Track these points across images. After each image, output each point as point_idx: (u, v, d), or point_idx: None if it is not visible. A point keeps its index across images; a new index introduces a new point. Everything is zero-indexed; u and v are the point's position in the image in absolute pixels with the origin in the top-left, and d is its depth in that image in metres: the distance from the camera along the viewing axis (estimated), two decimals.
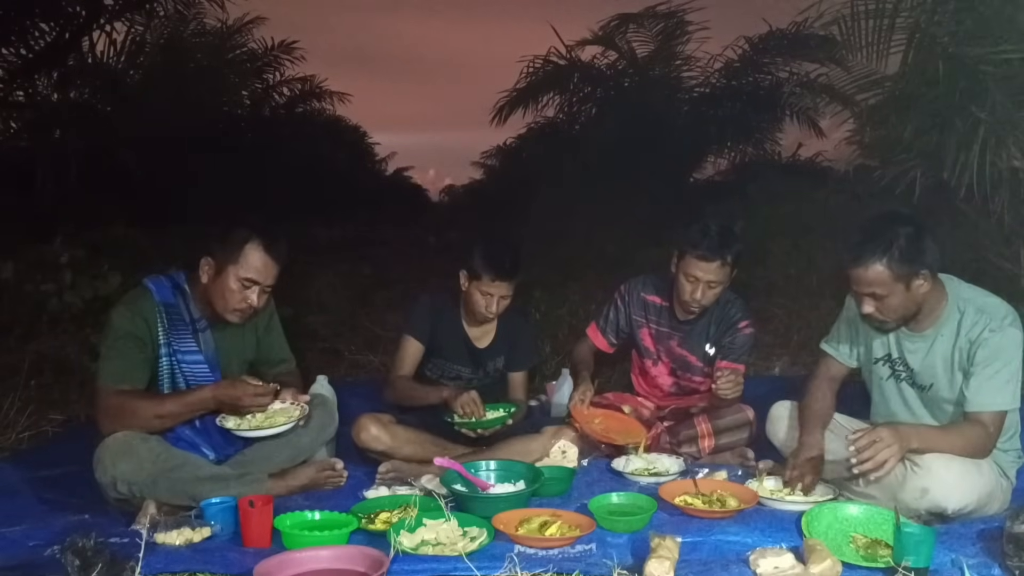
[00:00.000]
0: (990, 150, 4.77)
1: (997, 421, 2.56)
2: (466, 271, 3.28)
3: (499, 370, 3.50)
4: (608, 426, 3.30)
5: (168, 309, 2.81)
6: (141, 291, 2.84)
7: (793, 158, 11.33)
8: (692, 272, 3.25)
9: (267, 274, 2.80)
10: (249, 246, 2.76)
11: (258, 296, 2.80)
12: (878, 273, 2.54)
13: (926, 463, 2.50)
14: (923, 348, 2.70)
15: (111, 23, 9.40)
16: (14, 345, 4.95)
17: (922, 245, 2.56)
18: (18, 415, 3.66)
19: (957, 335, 2.63)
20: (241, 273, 2.76)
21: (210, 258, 2.80)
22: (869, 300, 2.61)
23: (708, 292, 3.27)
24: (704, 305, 3.33)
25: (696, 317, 3.43)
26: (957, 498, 2.49)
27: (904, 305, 2.61)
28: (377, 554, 2.22)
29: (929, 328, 2.68)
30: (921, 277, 2.56)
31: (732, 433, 3.28)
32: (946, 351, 2.65)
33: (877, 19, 5.36)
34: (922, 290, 2.59)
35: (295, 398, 2.90)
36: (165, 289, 2.84)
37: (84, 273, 5.68)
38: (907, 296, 2.58)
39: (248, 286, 2.77)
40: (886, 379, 2.83)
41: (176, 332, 2.80)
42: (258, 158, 11.48)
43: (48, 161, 8.31)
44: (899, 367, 2.78)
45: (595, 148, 10.06)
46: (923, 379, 2.73)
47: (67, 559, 2.12)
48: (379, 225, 11.72)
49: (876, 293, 2.58)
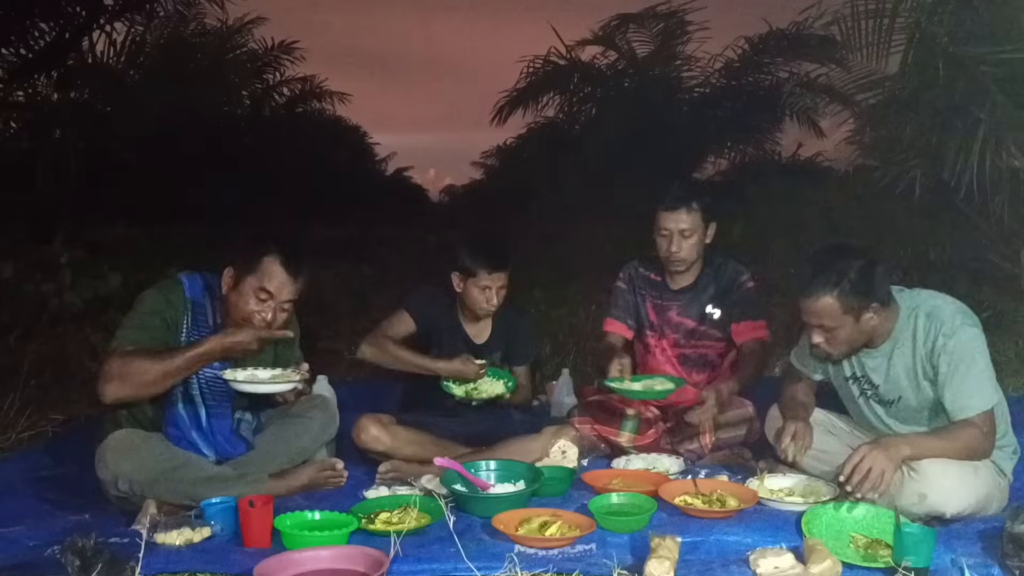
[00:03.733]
0: (990, 150, 4.78)
1: (987, 420, 2.55)
2: (458, 272, 3.28)
3: (497, 365, 3.50)
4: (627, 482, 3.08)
5: (195, 307, 2.81)
6: (174, 283, 2.85)
7: (793, 158, 11.35)
8: (664, 225, 3.33)
9: (283, 289, 2.77)
10: (268, 258, 2.76)
11: (275, 312, 2.77)
12: (828, 305, 2.55)
13: (923, 468, 2.49)
14: (883, 363, 2.70)
15: (111, 23, 9.43)
16: (14, 345, 4.95)
17: (872, 279, 2.55)
18: (18, 415, 3.66)
19: (914, 344, 2.62)
20: (257, 284, 2.75)
21: (231, 268, 2.81)
22: (818, 331, 2.62)
23: (684, 243, 3.33)
24: (683, 258, 3.36)
25: (691, 284, 3.46)
26: (955, 503, 2.49)
27: (852, 338, 2.61)
28: (377, 554, 2.22)
29: (884, 343, 2.67)
30: (871, 310, 2.56)
31: (733, 428, 3.28)
32: (906, 362, 2.64)
33: (877, 19, 5.37)
34: (872, 323, 2.59)
35: (296, 366, 2.89)
36: (197, 287, 2.85)
37: (84, 273, 5.69)
38: (855, 328, 2.58)
39: (264, 299, 2.76)
40: (857, 397, 2.83)
41: (199, 331, 2.79)
42: (258, 158, 11.50)
43: (48, 161, 8.32)
44: (865, 385, 2.78)
45: (595, 148, 10.08)
46: (889, 394, 2.72)
47: (67, 559, 2.12)
48: (379, 225, 11.70)
49: (825, 325, 2.59)
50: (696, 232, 3.34)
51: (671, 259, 3.37)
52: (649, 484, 2.83)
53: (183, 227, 8.05)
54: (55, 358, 4.73)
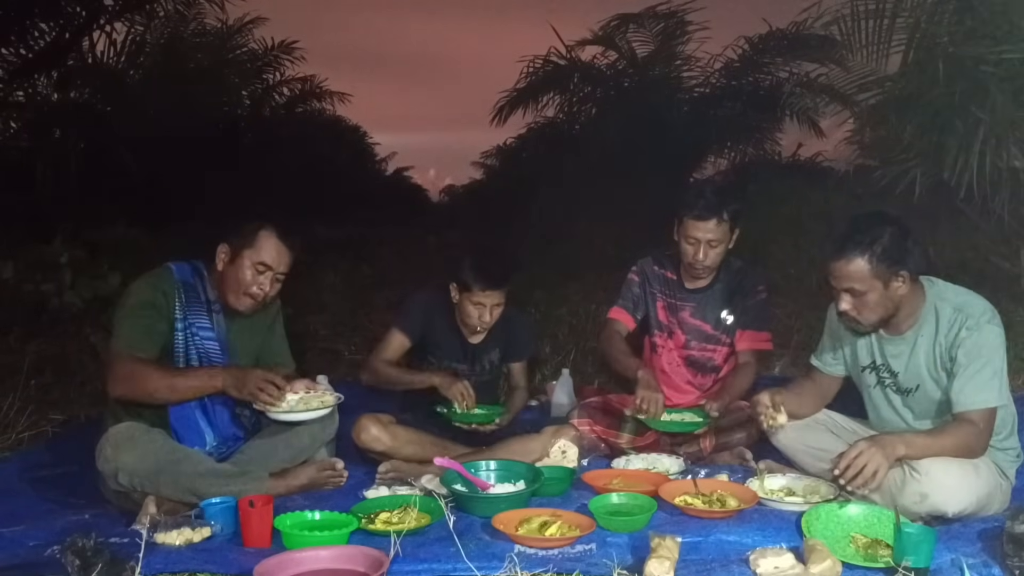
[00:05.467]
0: (990, 150, 4.78)
1: (986, 418, 2.56)
2: (456, 284, 3.28)
3: (494, 364, 3.50)
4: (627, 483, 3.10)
5: (186, 287, 2.89)
6: (162, 269, 2.93)
7: (793, 158, 11.33)
8: (691, 234, 3.29)
9: (280, 260, 2.88)
10: (264, 232, 2.86)
11: (271, 283, 2.88)
12: (858, 267, 2.54)
13: (924, 468, 2.49)
14: (905, 351, 2.70)
15: (111, 23, 9.41)
16: (14, 345, 4.95)
17: (905, 245, 2.56)
18: (18, 415, 3.66)
19: (936, 335, 2.62)
20: (255, 257, 2.85)
21: (226, 245, 2.89)
22: (846, 296, 2.61)
23: (710, 252, 3.30)
24: (708, 266, 3.35)
25: (706, 286, 3.45)
26: (956, 502, 2.49)
27: (881, 304, 2.60)
28: (377, 554, 2.22)
29: (909, 330, 2.68)
30: (900, 278, 2.56)
31: (733, 431, 3.28)
32: (928, 352, 2.65)
33: (877, 19, 5.37)
34: (900, 292, 2.58)
35: (310, 387, 2.90)
36: (185, 271, 2.94)
37: (84, 273, 5.69)
38: (884, 295, 2.58)
39: (262, 271, 2.86)
40: (873, 387, 2.83)
41: (192, 309, 2.87)
42: (258, 158, 11.48)
43: (48, 161, 8.32)
44: (884, 373, 2.78)
45: (595, 148, 10.06)
46: (908, 383, 2.73)
47: (67, 559, 2.12)
48: (379, 225, 11.71)
49: (854, 289, 2.58)
50: (723, 242, 3.33)
51: (695, 266, 3.36)
52: (649, 484, 2.83)
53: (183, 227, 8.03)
54: (55, 358, 4.73)
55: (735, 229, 3.34)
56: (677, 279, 3.52)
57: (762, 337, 3.47)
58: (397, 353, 3.37)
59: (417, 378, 3.29)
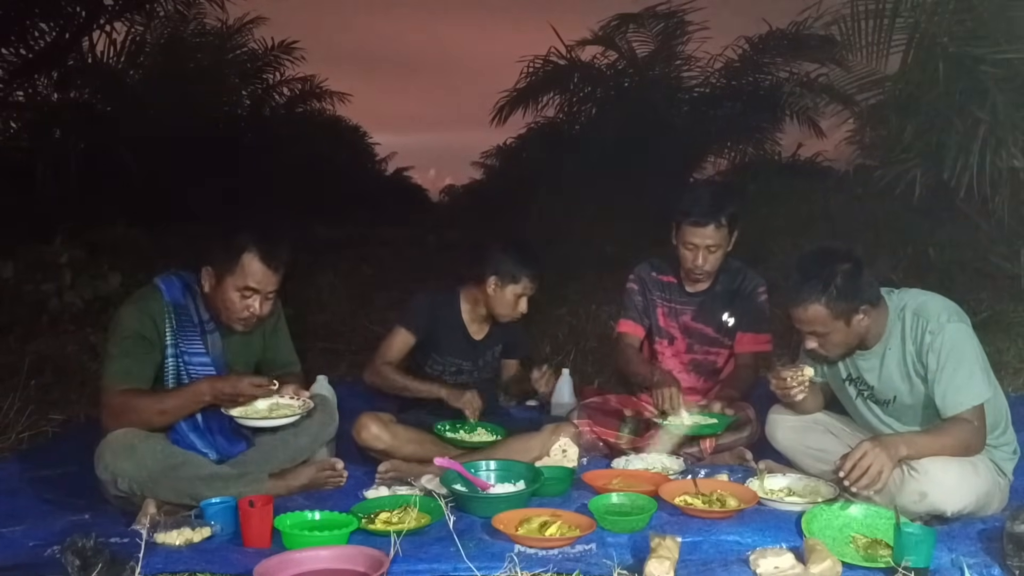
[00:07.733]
0: (990, 150, 4.78)
1: (978, 414, 2.55)
2: (496, 277, 3.24)
3: (496, 359, 3.52)
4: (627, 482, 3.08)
5: (177, 309, 2.81)
6: (151, 290, 2.84)
7: (793, 158, 11.33)
8: (689, 240, 3.28)
9: (267, 282, 2.78)
10: (246, 256, 2.74)
11: (261, 303, 2.79)
12: (817, 312, 2.56)
13: (923, 467, 2.50)
14: (876, 364, 2.71)
15: (111, 23, 9.40)
16: (14, 345, 4.95)
17: (859, 281, 2.56)
18: (18, 415, 3.65)
19: (903, 344, 2.63)
20: (240, 283, 2.75)
21: (210, 267, 2.79)
22: (811, 337, 2.63)
23: (709, 257, 3.29)
24: (707, 271, 3.35)
25: (706, 289, 3.45)
26: (955, 501, 2.49)
27: (845, 341, 2.63)
28: (377, 554, 2.22)
29: (876, 344, 2.69)
30: (861, 312, 2.57)
31: (733, 432, 3.28)
32: (899, 361, 2.65)
33: (877, 19, 5.38)
34: (863, 324, 2.60)
35: (297, 394, 2.89)
36: (175, 289, 2.84)
37: (84, 273, 5.68)
38: (848, 332, 2.60)
39: (248, 295, 2.77)
40: (855, 398, 2.84)
41: (184, 332, 2.80)
42: (258, 158, 11.49)
43: (48, 161, 8.31)
44: (861, 386, 2.79)
45: (595, 148, 10.06)
46: (884, 394, 2.73)
47: (67, 559, 2.12)
48: (379, 225, 11.71)
49: (817, 331, 2.60)
50: (722, 246, 3.31)
51: (695, 271, 3.35)
52: (649, 484, 2.83)
53: (183, 227, 8.04)
54: (55, 358, 4.72)
55: (733, 232, 3.33)
56: (677, 283, 3.51)
57: (762, 339, 3.47)
58: (401, 351, 3.35)
59: (424, 388, 3.26)
